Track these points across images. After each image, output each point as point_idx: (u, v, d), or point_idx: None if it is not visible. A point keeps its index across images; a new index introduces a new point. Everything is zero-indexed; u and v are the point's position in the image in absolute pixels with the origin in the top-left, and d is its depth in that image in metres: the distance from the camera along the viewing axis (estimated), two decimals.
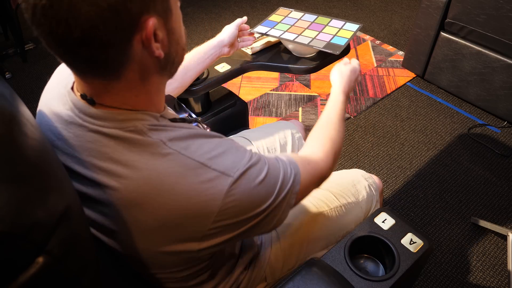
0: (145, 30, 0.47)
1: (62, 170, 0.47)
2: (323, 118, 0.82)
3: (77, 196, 0.47)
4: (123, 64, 0.48)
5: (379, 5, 3.03)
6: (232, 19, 2.89)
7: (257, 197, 0.55)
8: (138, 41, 0.47)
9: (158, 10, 0.48)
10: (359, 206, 0.96)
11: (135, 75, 0.50)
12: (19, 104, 0.46)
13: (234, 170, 0.52)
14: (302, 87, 2.24)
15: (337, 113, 0.83)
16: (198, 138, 0.54)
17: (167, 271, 0.60)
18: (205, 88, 1.20)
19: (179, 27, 0.54)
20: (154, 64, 0.51)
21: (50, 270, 0.37)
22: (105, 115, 0.51)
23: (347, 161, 1.79)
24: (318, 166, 0.70)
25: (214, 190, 0.51)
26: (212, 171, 0.51)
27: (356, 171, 1.03)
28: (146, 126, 0.52)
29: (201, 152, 0.52)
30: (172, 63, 0.55)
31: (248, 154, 0.56)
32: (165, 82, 0.58)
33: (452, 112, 2.04)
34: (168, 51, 0.52)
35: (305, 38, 1.22)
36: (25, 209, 0.35)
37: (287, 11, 1.38)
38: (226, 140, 0.57)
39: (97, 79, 0.50)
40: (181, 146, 0.52)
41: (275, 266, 0.85)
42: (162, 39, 0.50)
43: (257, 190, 0.54)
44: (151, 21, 0.46)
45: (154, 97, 0.55)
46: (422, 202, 1.62)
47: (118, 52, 0.47)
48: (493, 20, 1.73)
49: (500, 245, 1.46)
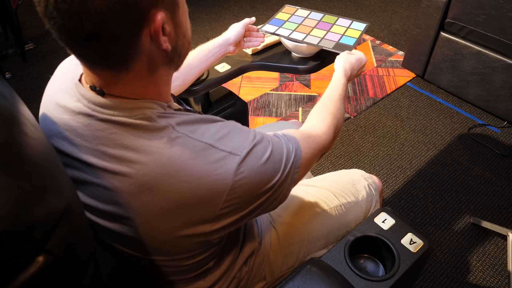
0: (154, 24, 0.48)
1: (62, 169, 0.47)
2: (323, 97, 0.85)
3: (77, 195, 0.47)
4: (132, 56, 0.50)
5: (379, 5, 3.03)
6: (232, 19, 2.89)
7: (265, 174, 0.56)
8: (147, 34, 0.49)
9: (166, 4, 0.49)
10: (359, 205, 0.96)
11: (144, 67, 0.52)
12: (19, 104, 0.46)
13: (241, 149, 0.54)
14: (302, 87, 2.24)
15: (338, 93, 0.86)
16: (204, 122, 0.56)
17: (176, 258, 0.60)
18: (205, 88, 1.21)
19: (186, 20, 0.56)
20: (161, 56, 0.53)
21: (50, 269, 0.37)
22: (115, 104, 0.52)
23: (347, 161, 1.79)
24: (319, 140, 0.72)
25: (223, 169, 0.52)
26: (219, 151, 0.53)
27: (355, 171, 1.03)
28: (155, 113, 0.53)
29: (208, 134, 0.54)
30: (179, 55, 0.57)
31: (252, 133, 0.58)
32: (172, 73, 0.59)
33: (452, 112, 2.04)
34: (175, 44, 0.54)
35: (314, 38, 1.22)
36: (25, 208, 0.35)
37: (293, 9, 1.38)
38: (230, 122, 0.59)
39: (106, 70, 0.51)
40: (189, 130, 0.53)
41: (274, 264, 0.85)
42: (169, 32, 0.51)
43: (264, 168, 0.56)
44: (159, 15, 0.48)
45: (162, 88, 0.57)
46: (422, 202, 1.62)
47: (127, 45, 0.48)
48: (493, 20, 1.73)
49: (500, 245, 1.46)
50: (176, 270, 0.63)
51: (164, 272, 0.63)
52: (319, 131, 0.74)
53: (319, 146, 0.72)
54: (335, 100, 0.83)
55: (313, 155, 0.69)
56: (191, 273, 0.66)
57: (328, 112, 0.80)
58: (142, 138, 0.52)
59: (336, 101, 0.84)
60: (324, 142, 0.73)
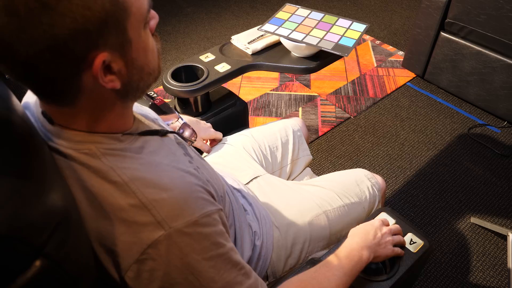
0: (93, 67, 0.44)
1: (59, 173, 0.46)
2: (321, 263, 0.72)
3: (74, 199, 0.47)
4: (75, 94, 0.47)
5: (379, 5, 3.03)
6: (232, 19, 2.88)
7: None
8: (88, 75, 0.45)
9: (110, 45, 0.45)
10: (362, 206, 0.96)
11: (91, 104, 0.49)
12: (17, 106, 0.46)
13: (174, 222, 0.48)
14: (302, 87, 2.24)
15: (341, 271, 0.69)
16: (154, 169, 0.51)
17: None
18: (205, 88, 1.20)
19: (144, 54, 0.51)
20: (111, 94, 0.50)
21: (47, 273, 0.37)
22: (63, 134, 0.51)
23: (347, 161, 1.79)
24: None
25: (137, 232, 0.48)
26: (149, 215, 0.48)
27: (359, 171, 1.02)
28: (101, 149, 0.50)
29: (150, 189, 0.49)
30: (136, 89, 0.53)
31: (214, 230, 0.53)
32: (131, 106, 0.56)
33: (452, 112, 2.04)
34: (128, 80, 0.50)
35: (313, 38, 1.22)
36: (22, 212, 0.35)
37: (294, 8, 1.38)
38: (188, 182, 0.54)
39: (51, 104, 0.49)
40: (130, 178, 0.49)
41: (277, 265, 0.85)
42: (119, 70, 0.48)
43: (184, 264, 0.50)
44: (99, 58, 0.44)
45: (117, 120, 0.53)
46: (422, 202, 1.61)
47: (66, 85, 0.45)
48: (493, 20, 1.73)
49: (500, 245, 1.46)
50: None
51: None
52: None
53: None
54: (341, 269, 0.68)
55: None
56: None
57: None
58: (81, 173, 0.49)
59: (341, 273, 0.68)
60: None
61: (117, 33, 0.45)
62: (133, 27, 0.47)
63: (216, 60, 1.28)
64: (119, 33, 0.45)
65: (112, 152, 0.51)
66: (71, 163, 0.50)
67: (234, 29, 2.77)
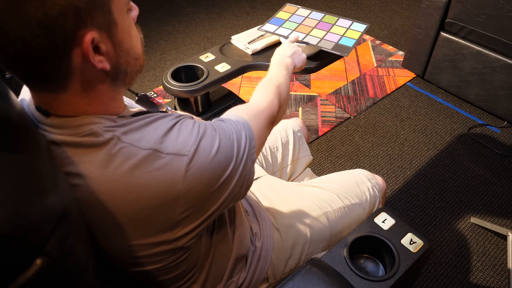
0: (83, 44, 0.46)
1: (59, 172, 0.46)
2: (265, 78, 0.87)
3: (74, 197, 0.47)
4: (65, 76, 0.48)
5: (379, 5, 3.03)
6: (232, 19, 2.89)
7: (218, 168, 0.54)
8: (78, 54, 0.46)
9: (98, 24, 0.47)
10: (362, 207, 0.95)
11: (82, 86, 0.50)
12: (16, 104, 0.46)
13: (187, 148, 0.51)
14: (302, 87, 2.24)
15: (279, 71, 0.90)
16: (151, 123, 0.53)
17: (152, 260, 0.59)
18: (205, 88, 1.20)
19: (129, 37, 0.53)
20: (101, 75, 0.51)
21: (48, 271, 0.37)
22: (61, 123, 0.51)
23: (347, 161, 1.79)
24: (265, 111, 0.71)
25: (171, 173, 0.50)
26: (165, 155, 0.50)
27: (359, 172, 1.02)
28: (102, 128, 0.51)
29: (154, 138, 0.51)
30: (125, 73, 0.54)
31: (196, 127, 0.55)
32: (122, 90, 0.57)
33: (452, 112, 2.04)
34: (116, 62, 0.51)
35: (314, 38, 1.22)
36: (23, 211, 0.35)
37: (294, 8, 1.38)
38: (177, 118, 0.56)
39: (44, 92, 0.50)
40: (135, 138, 0.51)
41: (277, 266, 0.85)
42: (107, 51, 0.49)
43: (216, 161, 0.53)
44: (88, 35, 0.46)
45: (109, 104, 0.54)
46: (422, 202, 1.61)
47: (56, 66, 0.46)
48: (493, 20, 1.73)
49: (500, 245, 1.46)
50: (161, 271, 0.62)
51: (151, 273, 0.62)
52: (262, 103, 0.73)
53: (268, 116, 0.71)
54: (277, 76, 0.86)
55: (263, 127, 0.68)
56: (176, 275, 0.65)
57: (270, 85, 0.80)
58: (86, 157, 0.50)
59: (279, 76, 0.86)
60: (270, 111, 0.72)
61: (103, 12, 0.47)
62: (117, 9, 0.49)
63: (216, 60, 1.28)
64: (105, 13, 0.47)
65: (112, 128, 0.52)
66: (75, 150, 0.50)
67: (234, 29, 2.78)
